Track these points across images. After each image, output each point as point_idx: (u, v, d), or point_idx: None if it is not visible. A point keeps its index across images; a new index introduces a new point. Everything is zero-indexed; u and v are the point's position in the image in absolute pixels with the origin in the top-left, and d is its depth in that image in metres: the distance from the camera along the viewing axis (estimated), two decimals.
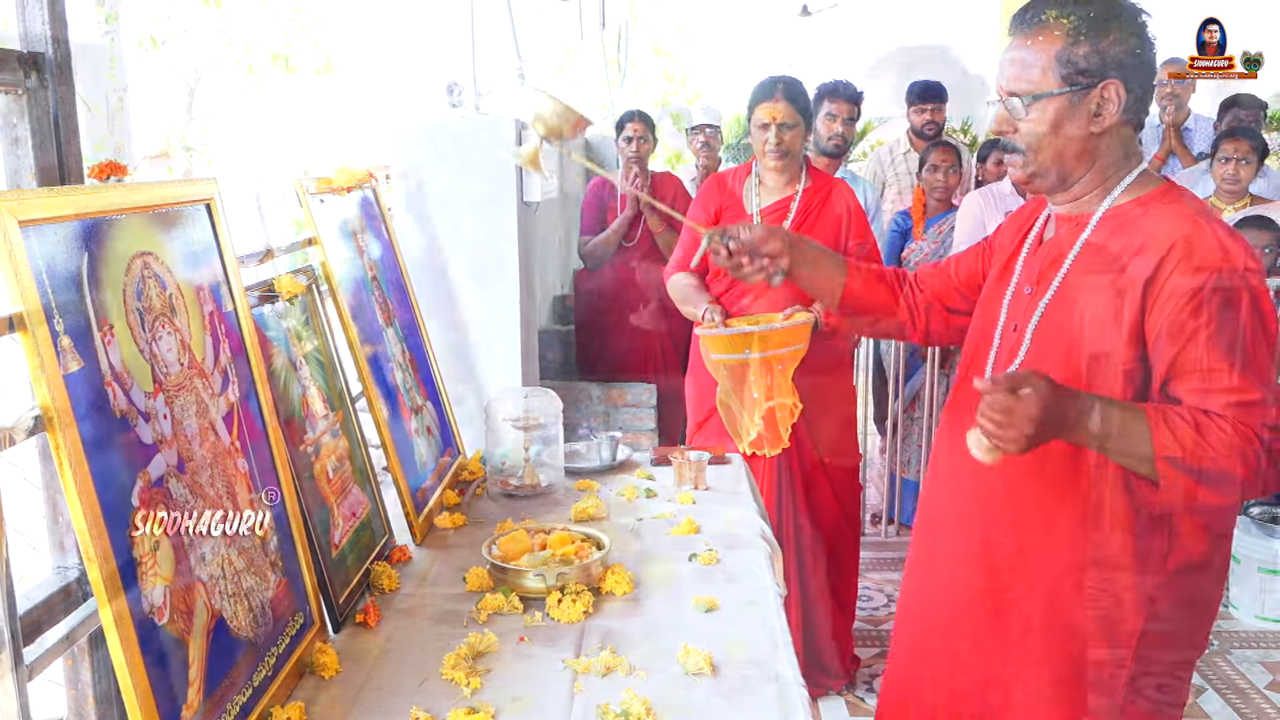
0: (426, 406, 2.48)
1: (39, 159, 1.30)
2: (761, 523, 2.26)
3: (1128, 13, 1.58)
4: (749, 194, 3.00)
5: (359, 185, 2.35)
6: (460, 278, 3.66)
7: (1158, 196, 1.62)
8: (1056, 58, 1.56)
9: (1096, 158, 1.62)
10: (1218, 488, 1.49)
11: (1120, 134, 1.62)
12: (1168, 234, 1.54)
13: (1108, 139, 1.61)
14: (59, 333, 1.16)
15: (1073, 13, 1.56)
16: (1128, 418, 1.51)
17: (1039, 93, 1.58)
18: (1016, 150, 1.65)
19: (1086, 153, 1.61)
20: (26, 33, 1.30)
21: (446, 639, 1.73)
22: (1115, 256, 1.59)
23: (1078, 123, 1.59)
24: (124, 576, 1.20)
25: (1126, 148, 1.64)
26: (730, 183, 3.05)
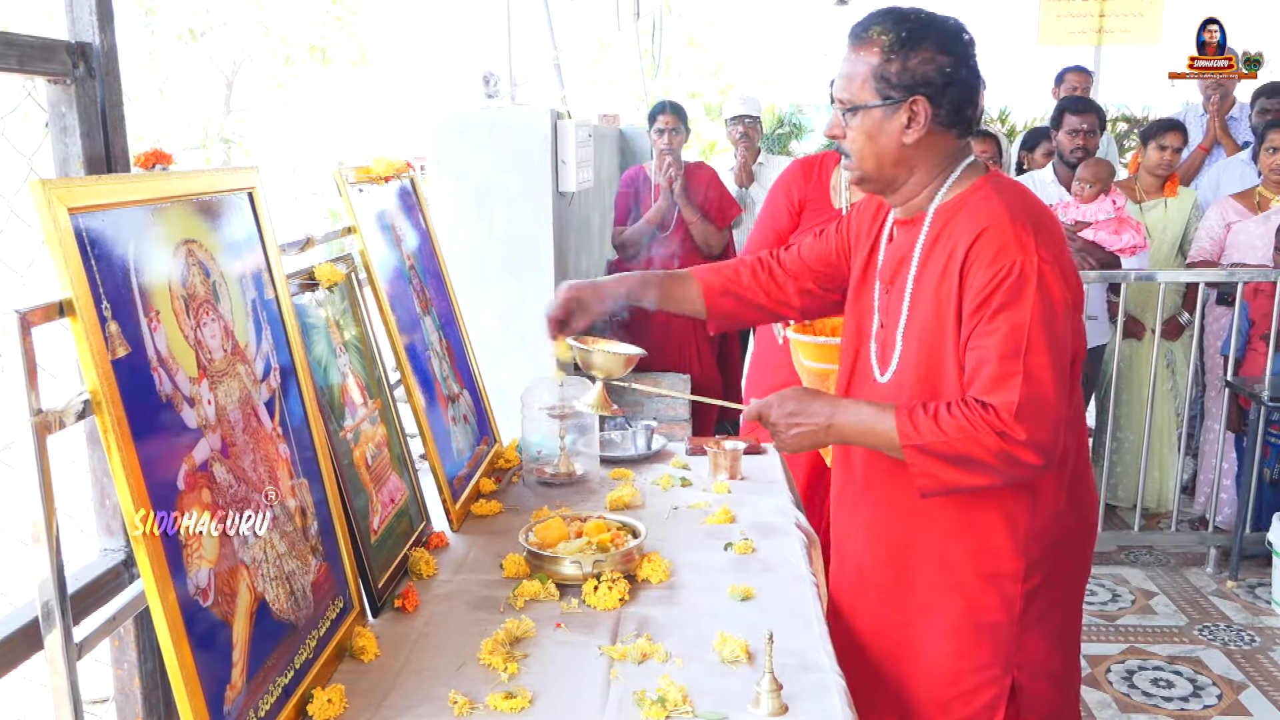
0: (463, 395, 2.50)
1: (86, 148, 1.32)
2: (796, 512, 2.26)
3: (941, 31, 1.68)
4: (838, 187, 2.73)
5: (397, 175, 2.36)
6: (496, 267, 3.68)
7: (975, 189, 1.72)
8: (873, 73, 1.69)
9: (917, 164, 1.74)
10: (966, 469, 1.63)
11: (940, 141, 1.72)
12: (973, 229, 1.66)
13: (926, 147, 1.71)
14: (107, 318, 1.18)
15: (891, 31, 1.68)
16: (880, 414, 1.70)
17: (857, 104, 1.72)
18: (847, 154, 1.79)
19: (904, 160, 1.73)
20: (74, 23, 1.32)
21: (484, 624, 1.74)
22: (944, 254, 1.70)
23: (890, 134, 1.71)
24: (170, 559, 1.22)
25: (949, 151, 1.74)
26: (817, 172, 2.77)
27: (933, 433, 1.63)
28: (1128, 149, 8.05)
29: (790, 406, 1.78)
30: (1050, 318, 1.61)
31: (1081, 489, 1.84)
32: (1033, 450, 1.60)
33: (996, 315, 1.62)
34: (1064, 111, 4.20)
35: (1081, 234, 3.94)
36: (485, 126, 3.62)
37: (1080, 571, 1.91)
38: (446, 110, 3.68)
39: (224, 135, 10.37)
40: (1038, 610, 1.81)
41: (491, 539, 2.12)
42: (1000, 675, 1.82)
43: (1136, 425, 4.46)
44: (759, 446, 2.64)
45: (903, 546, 1.86)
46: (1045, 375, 1.60)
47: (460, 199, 3.65)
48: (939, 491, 1.70)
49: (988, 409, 1.60)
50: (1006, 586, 1.78)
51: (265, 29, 10.40)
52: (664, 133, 4.36)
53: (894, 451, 1.69)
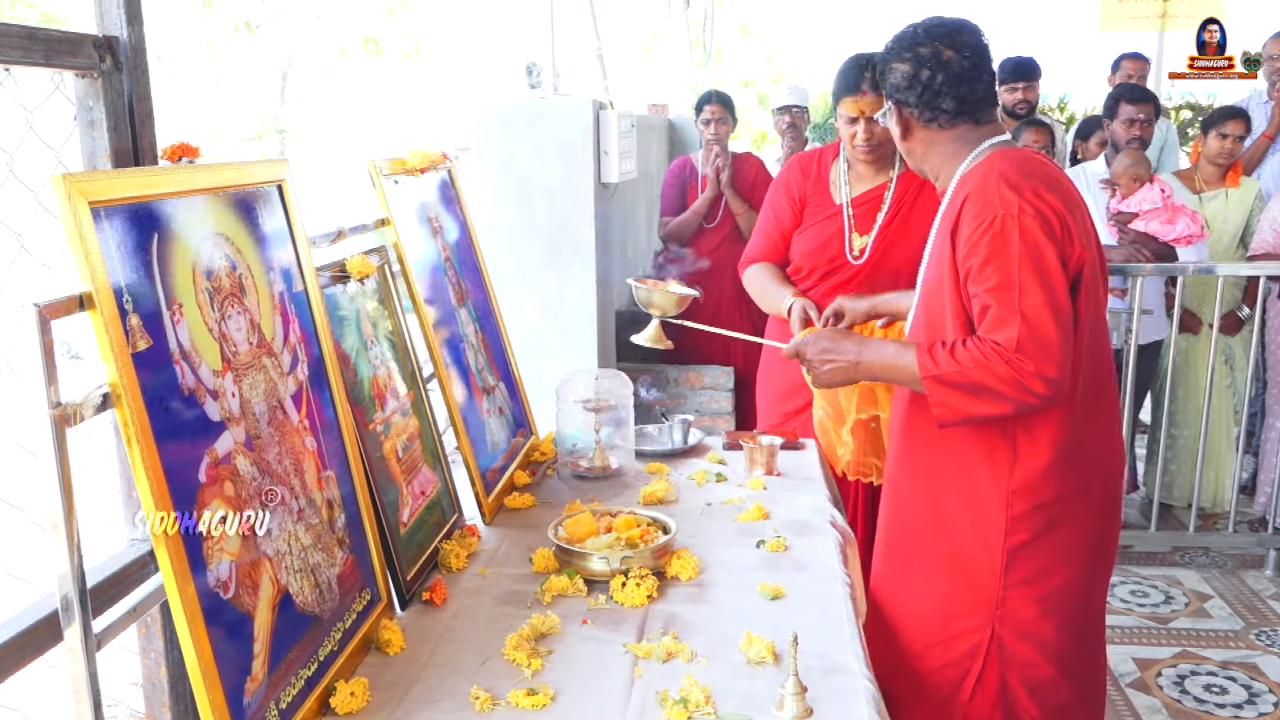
0: (499, 387, 2.49)
1: (113, 141, 1.32)
2: (833, 510, 2.22)
3: (902, 45, 1.94)
4: (837, 181, 2.74)
5: (433, 166, 2.36)
6: (537, 258, 3.68)
7: (985, 161, 1.90)
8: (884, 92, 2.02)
9: (925, 155, 2.00)
10: (980, 397, 1.78)
11: (934, 134, 1.96)
12: (965, 189, 1.86)
13: (923, 141, 1.98)
14: (128, 311, 1.19)
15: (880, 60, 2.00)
16: (901, 350, 1.90)
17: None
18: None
19: (911, 153, 2.03)
20: (102, 18, 1.33)
21: (510, 619, 1.74)
22: (948, 220, 1.89)
23: (892, 134, 2.03)
24: (190, 551, 1.23)
25: (955, 137, 1.95)
26: (816, 167, 2.77)
27: (949, 364, 1.79)
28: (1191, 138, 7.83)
29: (824, 344, 2.02)
30: (1040, 264, 1.76)
31: (1090, 459, 1.91)
32: (1040, 380, 1.73)
33: (985, 265, 1.79)
34: (1119, 100, 4.09)
35: (1132, 225, 3.84)
36: (527, 117, 3.61)
37: (1086, 544, 1.94)
38: (489, 101, 3.68)
39: (279, 125, 10.50)
40: (1025, 570, 1.91)
41: (523, 532, 2.12)
42: (981, 625, 1.94)
43: (1193, 422, 4.34)
44: (797, 442, 2.60)
45: (907, 493, 2.06)
46: (1042, 315, 1.74)
47: (502, 189, 3.65)
48: (955, 421, 1.84)
49: (997, 344, 1.76)
50: (989, 536, 1.91)
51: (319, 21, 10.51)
52: (710, 123, 4.32)
53: (914, 384, 1.86)
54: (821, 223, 2.69)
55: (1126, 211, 3.85)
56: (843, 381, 2.03)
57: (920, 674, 2.03)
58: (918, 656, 2.03)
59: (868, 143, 2.60)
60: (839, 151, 2.77)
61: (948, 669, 1.99)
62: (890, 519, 2.13)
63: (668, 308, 2.35)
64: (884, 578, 2.14)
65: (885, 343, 1.97)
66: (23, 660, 1.22)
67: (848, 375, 2.00)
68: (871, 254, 2.64)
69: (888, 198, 2.68)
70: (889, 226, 2.66)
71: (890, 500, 2.13)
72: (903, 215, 2.67)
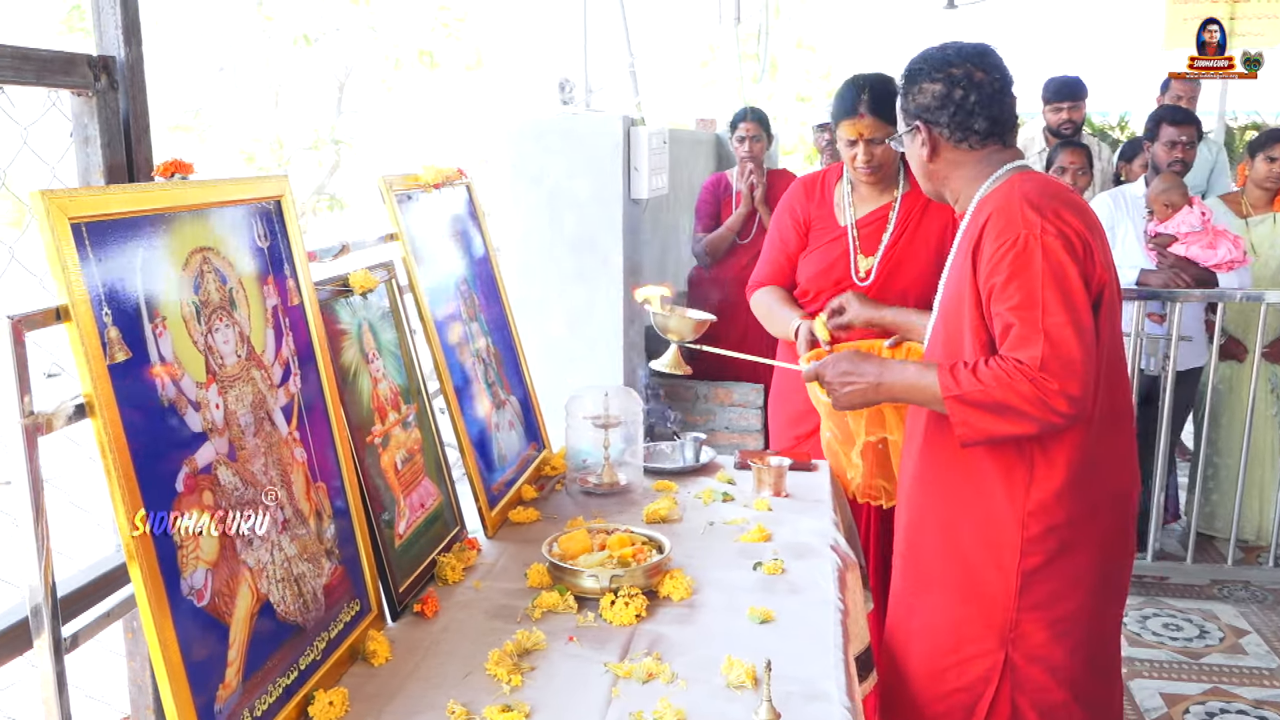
0: (510, 401, 2.51)
1: (107, 157, 1.36)
2: (836, 533, 2.20)
3: (931, 65, 1.95)
4: (842, 203, 2.73)
5: (448, 181, 2.39)
6: (566, 272, 3.71)
7: (1005, 184, 1.90)
8: (900, 108, 2.02)
9: (947, 176, 1.99)
10: (1003, 416, 1.77)
11: (961, 155, 1.96)
12: (986, 210, 1.86)
13: (949, 162, 1.97)
14: (106, 324, 1.22)
15: (903, 72, 2.00)
16: (922, 371, 1.89)
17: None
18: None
19: (934, 174, 2.01)
20: (101, 37, 1.37)
21: (499, 634, 1.75)
22: (968, 241, 1.88)
23: (916, 154, 2.01)
24: (162, 558, 1.25)
25: (979, 159, 1.95)
26: (820, 189, 2.76)
27: (971, 383, 1.78)
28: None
29: (844, 366, 2.00)
30: (1063, 283, 1.76)
31: (1104, 481, 1.90)
32: (1063, 399, 1.72)
33: (1008, 284, 1.78)
34: (1160, 122, 4.01)
35: (1172, 249, 3.76)
36: (559, 132, 3.65)
37: (1105, 575, 1.93)
38: (521, 115, 3.72)
39: (334, 136, 10.70)
40: (1038, 594, 1.89)
41: (523, 547, 2.13)
42: (994, 649, 1.93)
43: (1235, 451, 4.22)
44: (808, 464, 2.59)
45: (921, 513, 2.04)
46: (1065, 334, 1.73)
47: (533, 203, 3.69)
48: (978, 440, 1.84)
49: (1020, 363, 1.75)
50: (1004, 558, 1.90)
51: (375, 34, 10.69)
52: (745, 140, 4.32)
53: (936, 404, 1.86)
54: (827, 245, 2.68)
55: (1166, 234, 3.77)
56: (863, 403, 2.02)
57: (934, 697, 2.02)
58: (931, 679, 2.03)
59: (868, 164, 2.59)
60: (843, 173, 2.75)
61: (961, 693, 1.99)
62: (905, 540, 2.12)
63: (685, 333, 2.32)
64: (899, 598, 2.14)
65: (906, 364, 1.96)
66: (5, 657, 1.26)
67: (868, 397, 1.99)
68: (878, 275, 2.63)
69: (892, 218, 2.67)
70: (894, 247, 2.65)
71: (905, 522, 2.12)
72: (908, 236, 2.66)
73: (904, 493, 2.13)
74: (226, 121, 10.70)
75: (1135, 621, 3.78)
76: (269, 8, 10.33)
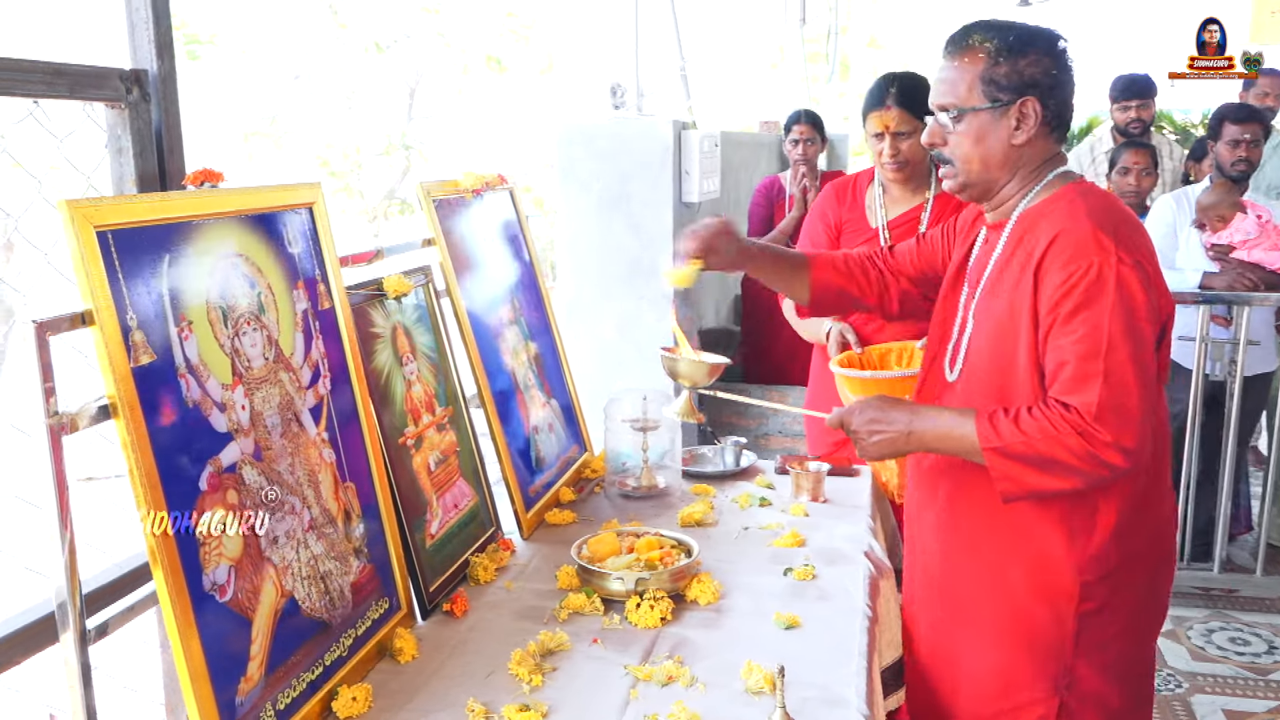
0: (551, 404, 2.54)
1: (139, 167, 1.42)
2: (871, 540, 2.18)
3: (1044, 38, 1.73)
4: (873, 205, 2.71)
5: (488, 187, 2.42)
6: (616, 276, 3.72)
7: (1060, 195, 1.74)
8: (980, 77, 1.73)
9: (1018, 167, 1.77)
10: (1049, 472, 1.62)
11: (1042, 144, 1.76)
12: (1051, 230, 1.68)
13: (1030, 148, 1.75)
14: (131, 327, 1.27)
15: (995, 37, 1.72)
16: (959, 419, 1.71)
17: (964, 108, 1.75)
18: (948, 161, 1.81)
19: (1009, 163, 1.77)
20: (135, 52, 1.42)
21: (525, 634, 1.76)
22: (1023, 257, 1.72)
23: (999, 136, 1.74)
24: (185, 554, 1.30)
25: (1045, 156, 1.77)
26: (851, 193, 2.75)
27: (1014, 435, 1.63)
28: None
29: (871, 414, 1.80)
30: (1131, 319, 1.61)
31: (1153, 514, 1.77)
32: (1117, 451, 1.58)
33: (1074, 316, 1.62)
34: (1223, 120, 3.88)
35: (1234, 255, 3.64)
36: (609, 137, 3.67)
37: (1151, 606, 1.84)
38: (571, 120, 3.75)
39: (405, 141, 10.89)
40: (1095, 638, 1.76)
41: (556, 549, 2.15)
42: (1047, 696, 1.80)
43: None
44: (849, 469, 2.56)
45: (962, 552, 1.87)
46: (1127, 377, 1.59)
47: (583, 207, 3.71)
48: (1020, 495, 1.69)
49: (1069, 409, 1.59)
50: (1061, 605, 1.76)
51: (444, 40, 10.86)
52: (799, 143, 4.30)
53: (974, 456, 1.68)
54: (858, 247, 2.65)
55: (1222, 244, 3.65)
56: (893, 453, 1.82)
57: None
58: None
59: (894, 159, 2.57)
60: (874, 176, 2.74)
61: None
62: (942, 575, 1.94)
63: (697, 378, 2.09)
64: (934, 635, 1.98)
65: (940, 411, 1.77)
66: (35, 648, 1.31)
67: (898, 447, 1.79)
68: None
69: (924, 219, 2.64)
70: None
71: (941, 554, 1.93)
72: None
73: (936, 525, 1.94)
74: (301, 128, 10.97)
75: (1200, 635, 3.67)
76: (343, 16, 10.56)
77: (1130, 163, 3.98)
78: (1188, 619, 3.78)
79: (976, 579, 1.85)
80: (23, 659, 1.30)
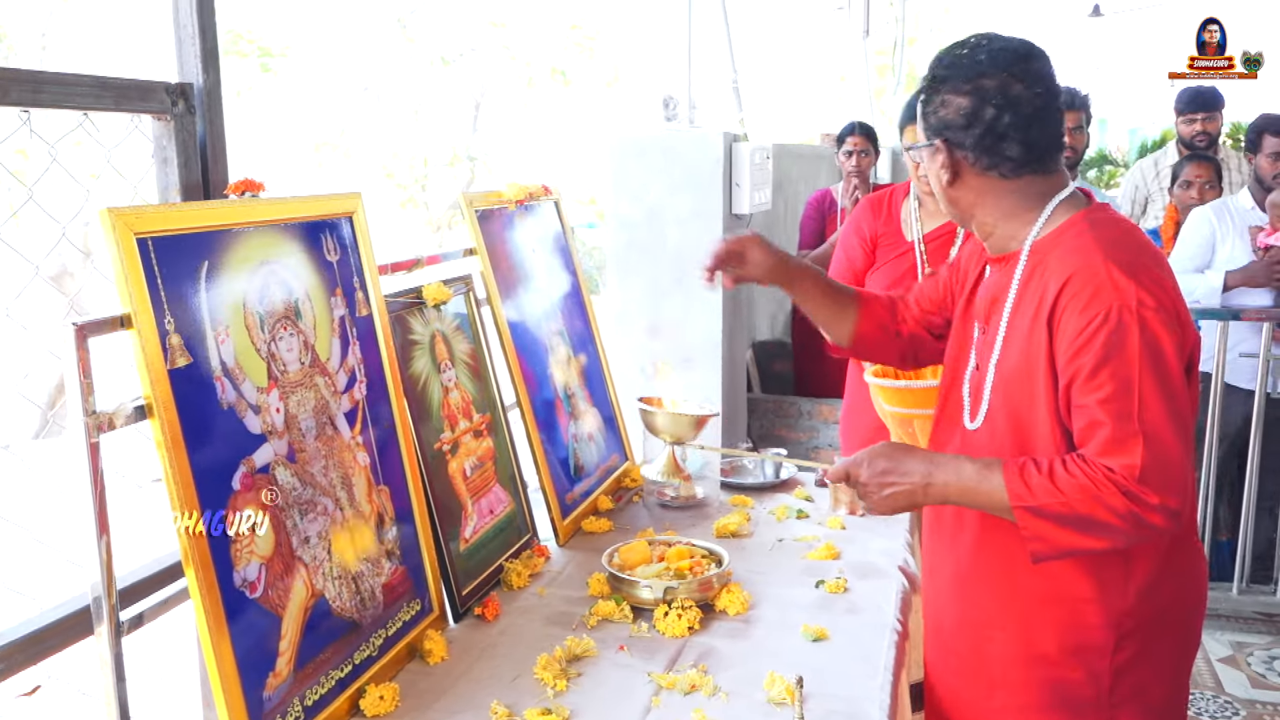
0: (591, 413, 2.56)
1: (183, 177, 1.47)
2: (907, 554, 2.17)
3: (966, 71, 1.61)
4: (908, 219, 2.71)
5: (531, 198, 2.46)
6: (665, 288, 3.74)
7: (1069, 226, 1.61)
8: (919, 113, 1.68)
9: (973, 205, 1.67)
10: (1086, 532, 1.49)
11: (991, 183, 1.63)
12: (1064, 269, 1.55)
13: (975, 190, 1.65)
14: (168, 331, 1.32)
15: (929, 71, 1.67)
16: (984, 472, 1.56)
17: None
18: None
19: (956, 200, 1.69)
20: (181, 65, 1.48)
21: (553, 640, 1.79)
22: (1036, 297, 1.60)
23: (935, 174, 1.68)
24: (216, 551, 1.34)
25: (1019, 194, 1.64)
26: (887, 207, 2.75)
27: (1049, 493, 1.49)
28: None
29: (881, 465, 1.63)
30: (1160, 365, 1.47)
31: (1183, 557, 1.67)
32: (1162, 514, 1.45)
33: (1100, 370, 1.49)
34: (1262, 132, 3.77)
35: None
36: (660, 149, 3.69)
37: (1185, 646, 1.73)
38: (623, 133, 3.78)
39: (470, 153, 11.05)
40: (1131, 685, 1.65)
41: (591, 556, 2.17)
42: None
43: None
44: None
45: (985, 611, 1.72)
46: (1166, 433, 1.46)
47: (634, 219, 3.74)
48: (1053, 556, 1.55)
49: (1111, 470, 1.47)
50: (1094, 661, 1.63)
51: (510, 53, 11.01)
52: (852, 154, 4.28)
53: (1002, 513, 1.55)
54: (893, 261, 2.65)
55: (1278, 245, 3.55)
56: (908, 507, 1.66)
57: None
58: None
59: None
60: (910, 190, 2.74)
61: None
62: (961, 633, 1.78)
63: (681, 432, 2.04)
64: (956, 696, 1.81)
65: (961, 462, 1.60)
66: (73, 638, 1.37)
67: (915, 500, 1.63)
68: None
69: (960, 233, 2.61)
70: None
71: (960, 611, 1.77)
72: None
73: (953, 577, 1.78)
74: (369, 139, 11.19)
75: (1261, 662, 3.56)
76: (411, 30, 10.76)
77: (1192, 176, 3.90)
78: (1248, 645, 3.68)
79: (1006, 647, 1.70)
80: (61, 649, 1.35)
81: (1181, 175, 3.95)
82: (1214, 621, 3.79)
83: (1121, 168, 10.38)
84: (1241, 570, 3.84)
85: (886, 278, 2.67)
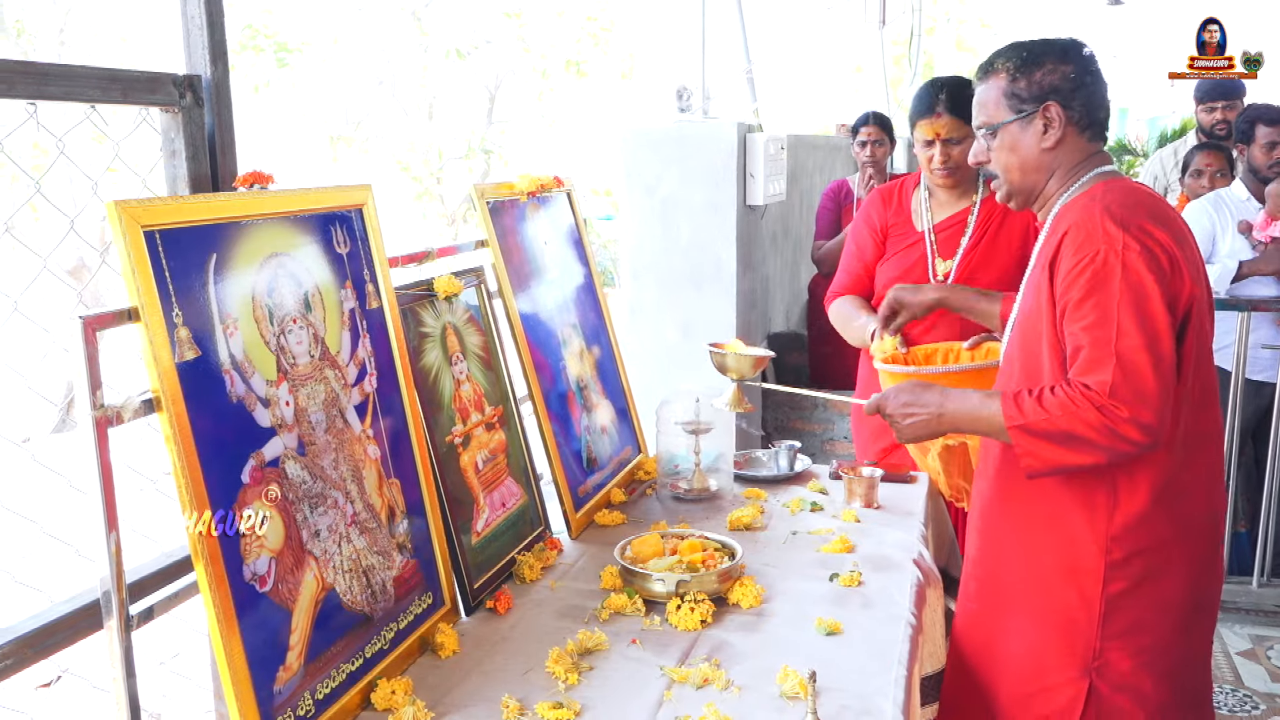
0: (604, 405, 2.55)
1: (192, 169, 1.47)
2: (922, 547, 2.15)
3: (1058, 48, 1.86)
4: (919, 209, 2.70)
5: (543, 190, 2.45)
6: (680, 278, 3.73)
7: (1089, 191, 1.83)
8: (1004, 93, 1.88)
9: (1056, 167, 1.88)
10: (1069, 446, 1.69)
11: (1075, 144, 1.86)
12: (1067, 221, 1.78)
13: (1063, 150, 1.86)
14: (176, 324, 1.31)
15: (1013, 56, 1.88)
16: (986, 400, 1.81)
17: (994, 123, 1.90)
18: (994, 175, 1.96)
19: (1044, 165, 1.89)
20: (190, 58, 1.48)
21: (565, 633, 1.78)
22: (1049, 248, 1.81)
23: (1029, 142, 1.88)
24: (225, 545, 1.34)
25: (1082, 156, 1.87)
26: (897, 197, 2.75)
27: (1036, 412, 1.71)
28: None
29: (905, 398, 1.93)
30: (1141, 305, 1.67)
31: (1184, 507, 1.81)
32: (1135, 426, 1.65)
33: (1083, 302, 1.71)
34: (1255, 122, 3.71)
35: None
36: (673, 140, 3.68)
37: (1185, 595, 1.84)
38: (636, 124, 3.76)
39: (485, 146, 11.04)
40: (1123, 621, 1.81)
41: (603, 549, 2.16)
42: (1077, 677, 1.85)
43: None
44: (904, 475, 2.53)
45: (998, 537, 1.97)
46: (1139, 358, 1.66)
47: (648, 210, 3.73)
48: (1044, 471, 1.76)
49: (1087, 388, 1.67)
50: (1086, 585, 1.82)
51: (525, 46, 10.99)
52: (867, 144, 4.25)
53: (1001, 434, 1.79)
54: (904, 251, 2.64)
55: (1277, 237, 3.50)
56: (927, 435, 1.94)
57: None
58: (1014, 706, 1.94)
59: (944, 165, 2.57)
60: (920, 180, 2.73)
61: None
62: (981, 563, 2.03)
63: (744, 370, 2.26)
64: (974, 618, 2.05)
65: (967, 393, 1.87)
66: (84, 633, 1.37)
67: (931, 428, 1.91)
68: (956, 277, 2.59)
69: (971, 221, 2.63)
70: (974, 251, 2.60)
71: (980, 541, 2.03)
72: (988, 239, 2.61)
73: (979, 513, 2.04)
74: (385, 132, 11.20)
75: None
76: (426, 23, 10.76)
77: (1203, 165, 3.85)
78: (1269, 639, 3.64)
79: (1015, 565, 1.93)
80: (71, 643, 1.35)
81: (1192, 164, 3.90)
82: (1233, 614, 3.76)
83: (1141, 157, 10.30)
84: (1262, 564, 3.81)
85: (897, 268, 2.65)
